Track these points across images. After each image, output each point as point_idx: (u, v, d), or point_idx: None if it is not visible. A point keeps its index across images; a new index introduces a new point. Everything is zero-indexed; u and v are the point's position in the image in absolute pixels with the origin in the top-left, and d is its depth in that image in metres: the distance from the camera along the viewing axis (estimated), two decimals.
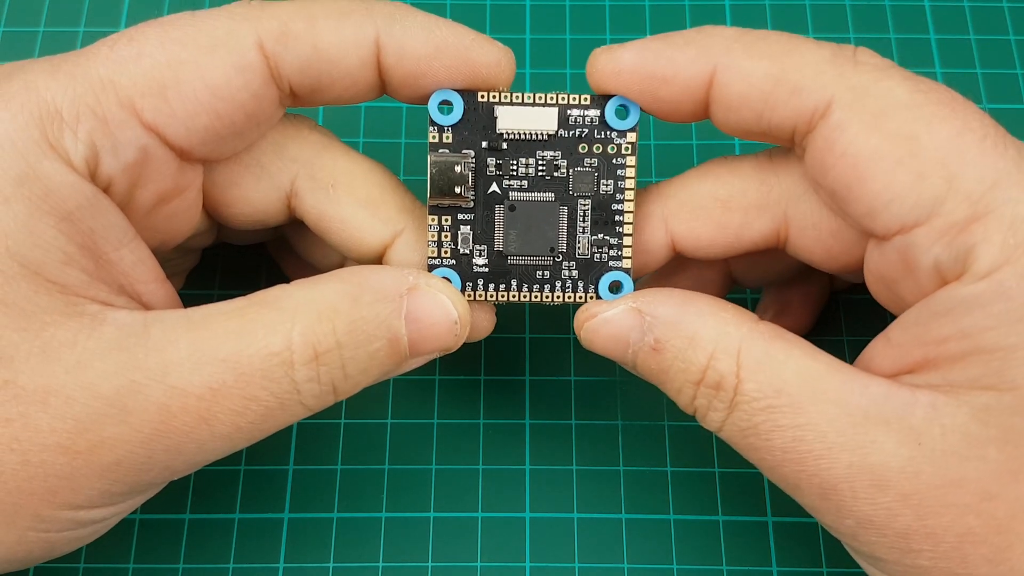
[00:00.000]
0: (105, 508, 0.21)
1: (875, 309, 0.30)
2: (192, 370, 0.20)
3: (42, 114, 0.20)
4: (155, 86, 0.21)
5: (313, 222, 0.24)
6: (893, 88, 0.21)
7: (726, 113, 0.22)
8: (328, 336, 0.21)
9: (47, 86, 0.20)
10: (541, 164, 0.23)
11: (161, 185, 0.22)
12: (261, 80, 0.22)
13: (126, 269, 0.21)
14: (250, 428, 0.21)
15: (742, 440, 0.21)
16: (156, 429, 0.20)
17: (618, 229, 0.23)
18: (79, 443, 0.19)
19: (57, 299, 0.20)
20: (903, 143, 0.20)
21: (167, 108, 0.21)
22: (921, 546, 0.20)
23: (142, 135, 0.21)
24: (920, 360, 0.21)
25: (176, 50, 0.21)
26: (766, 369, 0.21)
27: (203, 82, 0.21)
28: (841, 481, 0.20)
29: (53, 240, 0.20)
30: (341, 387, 0.22)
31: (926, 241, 0.20)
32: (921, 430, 0.19)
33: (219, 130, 0.22)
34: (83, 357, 0.20)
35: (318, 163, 0.24)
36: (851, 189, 0.21)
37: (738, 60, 0.21)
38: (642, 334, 0.22)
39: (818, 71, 0.21)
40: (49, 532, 0.20)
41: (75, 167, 0.20)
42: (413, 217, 0.24)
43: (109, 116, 0.21)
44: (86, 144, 0.20)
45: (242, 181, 0.24)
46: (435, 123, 0.23)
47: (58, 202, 0.20)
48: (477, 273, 0.23)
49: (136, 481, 0.21)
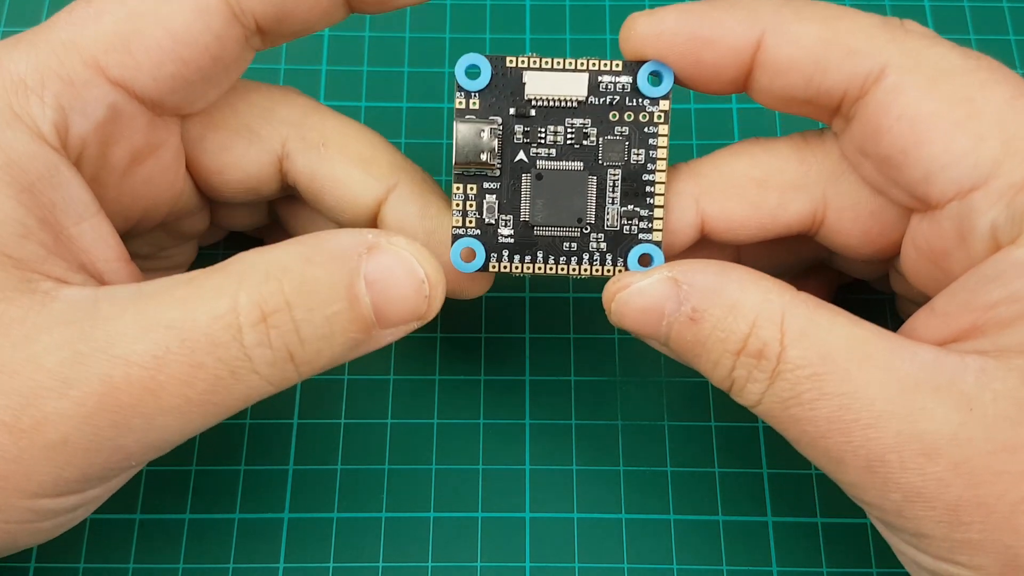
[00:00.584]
0: (63, 497, 0.20)
1: (875, 309, 0.30)
2: (136, 338, 0.19)
3: (5, 85, 0.20)
4: (117, 41, 0.21)
5: (305, 183, 0.24)
6: (946, 54, 0.21)
7: (772, 79, 0.21)
8: (275, 295, 0.19)
9: (9, 57, 0.20)
10: (570, 132, 0.23)
11: (134, 142, 0.22)
12: (222, 20, 0.21)
13: (86, 245, 0.21)
14: (201, 400, 0.19)
15: (783, 412, 0.20)
16: (100, 402, 0.19)
17: (649, 200, 0.23)
18: (23, 420, 0.19)
19: (12, 274, 0.19)
20: (960, 105, 0.20)
21: (132, 61, 0.21)
22: (972, 518, 0.19)
23: (110, 92, 0.21)
24: (968, 327, 0.20)
25: (134, 3, 0.21)
26: (811, 336, 0.20)
27: (164, 29, 0.21)
28: (889, 451, 0.19)
29: (12, 212, 0.20)
30: (299, 354, 0.20)
31: (984, 204, 0.20)
32: (972, 396, 0.19)
33: (186, 76, 0.22)
34: (31, 332, 0.19)
35: (308, 124, 0.24)
36: (907, 153, 0.20)
37: (788, 22, 0.21)
38: (678, 304, 0.21)
39: (871, 35, 0.21)
40: (9, 523, 0.20)
41: (44, 135, 0.20)
42: (406, 172, 0.24)
43: (74, 77, 0.21)
44: (54, 108, 0.20)
45: (233, 146, 0.24)
46: (462, 88, 0.22)
47: (19, 173, 0.20)
48: (502, 244, 0.23)
49: (87, 463, 0.20)
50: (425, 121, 0.33)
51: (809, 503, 0.28)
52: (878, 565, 0.27)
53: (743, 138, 0.32)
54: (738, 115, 0.33)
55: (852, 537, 0.27)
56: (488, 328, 0.30)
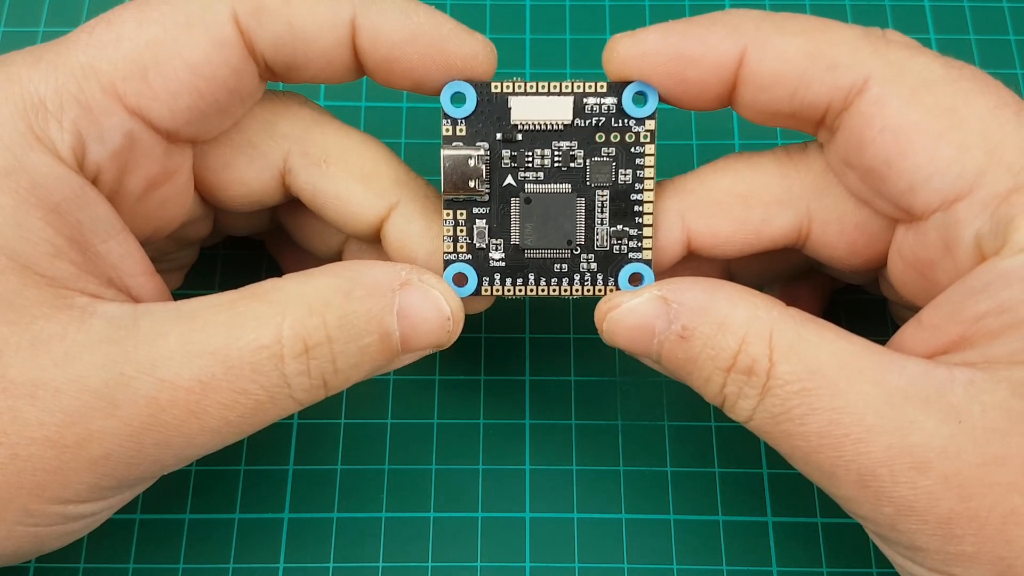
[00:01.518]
0: (94, 503, 0.21)
1: (875, 309, 0.30)
2: (181, 363, 0.20)
3: (26, 105, 0.20)
4: (136, 69, 0.21)
5: (308, 199, 0.24)
6: (928, 64, 0.21)
7: (756, 94, 0.22)
8: (318, 330, 0.20)
9: (30, 77, 0.20)
10: (557, 155, 0.23)
11: (149, 170, 0.22)
12: (239, 55, 0.21)
13: (114, 261, 0.21)
14: (239, 422, 0.20)
15: (774, 427, 0.20)
16: (145, 423, 0.20)
17: (638, 220, 0.23)
18: (67, 436, 0.19)
19: (46, 292, 0.20)
20: (944, 116, 0.20)
21: (149, 90, 0.21)
22: (964, 530, 0.19)
23: (127, 120, 0.21)
24: (956, 339, 0.20)
25: (154, 30, 0.21)
26: (799, 351, 0.20)
27: (182, 61, 0.21)
28: (880, 465, 0.19)
29: (41, 233, 0.20)
30: (332, 381, 0.21)
31: (968, 215, 0.20)
32: (961, 408, 0.19)
33: (203, 108, 0.22)
34: (72, 350, 0.19)
35: (309, 138, 0.24)
36: (891, 165, 0.21)
37: (771, 37, 0.21)
38: (668, 323, 0.21)
39: (853, 48, 0.21)
40: (38, 527, 0.20)
41: (62, 157, 0.20)
42: (408, 189, 0.24)
43: (93, 103, 0.21)
44: (71, 133, 0.20)
45: (235, 162, 0.24)
46: (448, 116, 0.23)
47: (45, 195, 0.20)
48: (494, 267, 0.23)
49: (125, 475, 0.20)
50: (425, 121, 0.33)
51: (809, 503, 0.28)
52: (878, 565, 0.27)
53: (743, 139, 0.32)
54: (738, 116, 0.33)
55: (852, 537, 0.27)
56: (488, 328, 0.30)
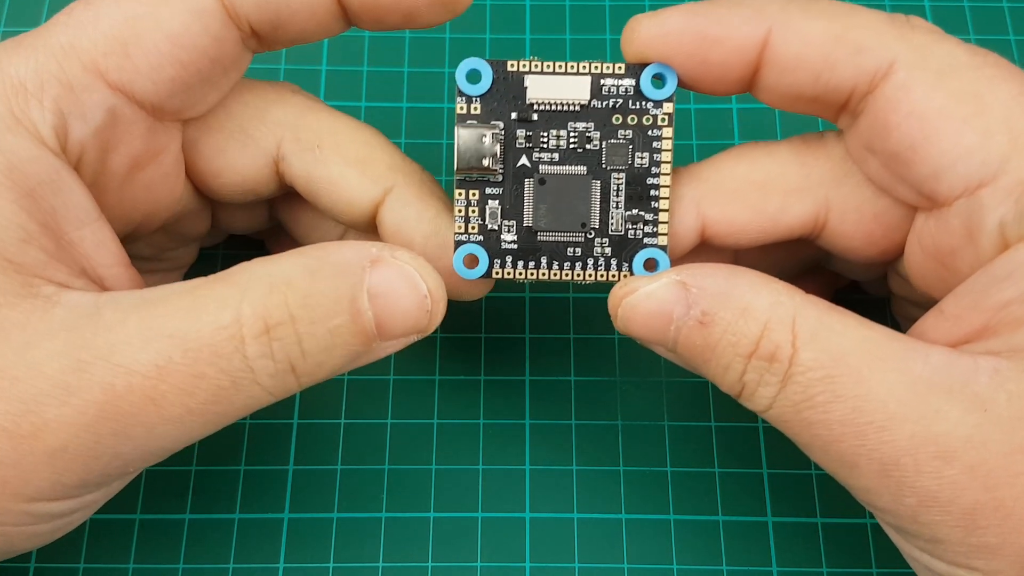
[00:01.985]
0: (60, 502, 0.20)
1: (875, 309, 0.30)
2: (139, 348, 0.19)
3: (6, 89, 0.20)
4: (116, 44, 0.21)
5: (302, 185, 0.24)
6: (952, 50, 0.21)
7: (780, 76, 0.21)
8: (279, 308, 0.19)
9: (9, 61, 0.20)
10: (573, 136, 0.22)
11: (134, 147, 0.22)
12: (220, 22, 0.21)
13: (87, 251, 0.21)
14: (202, 410, 0.20)
15: (795, 416, 0.20)
16: (101, 410, 0.19)
17: (654, 204, 0.23)
18: (23, 426, 0.19)
19: (13, 279, 0.19)
20: (969, 101, 0.20)
21: (130, 64, 0.21)
22: (989, 521, 0.18)
23: (109, 96, 0.21)
24: (979, 328, 0.20)
25: (131, 5, 0.21)
26: (823, 338, 0.20)
27: (162, 32, 0.21)
28: (904, 454, 0.19)
29: (13, 217, 0.20)
30: (300, 366, 0.20)
31: (992, 201, 0.20)
32: (986, 397, 0.19)
33: (185, 79, 0.21)
34: (32, 338, 0.19)
35: (302, 124, 0.24)
36: (916, 149, 0.20)
37: (796, 19, 0.21)
38: (687, 308, 0.20)
39: (879, 32, 0.21)
40: (4, 525, 0.20)
41: (44, 139, 0.20)
42: (403, 173, 0.24)
43: (74, 81, 0.20)
44: (53, 112, 0.20)
45: (227, 149, 0.24)
46: (463, 93, 0.22)
47: (21, 178, 0.20)
48: (505, 250, 0.23)
49: (86, 469, 0.20)
50: (425, 121, 0.33)
51: (809, 503, 0.28)
52: (878, 565, 0.27)
53: (744, 138, 0.32)
54: (738, 115, 0.33)
55: (852, 537, 0.27)
56: (488, 328, 0.30)
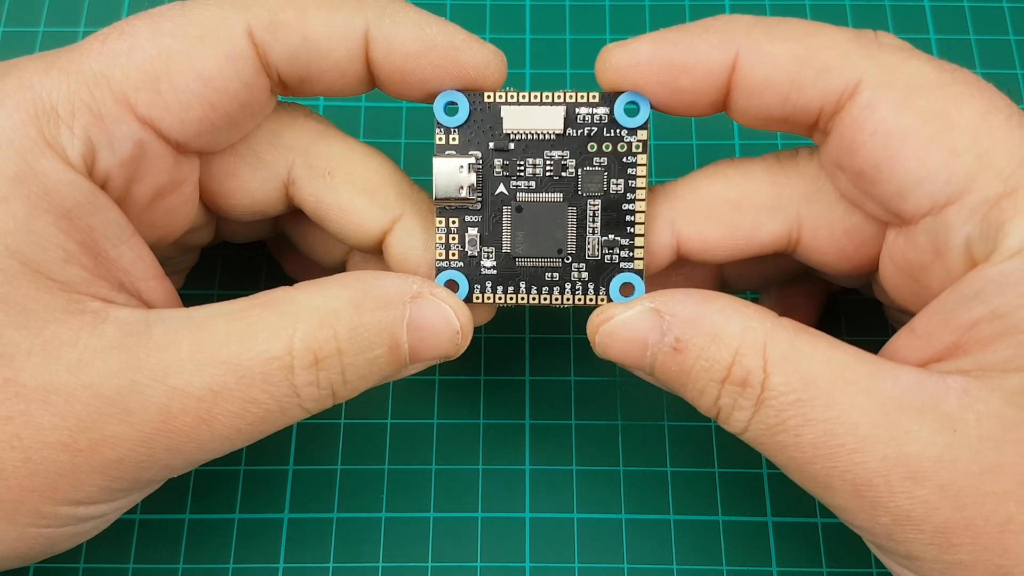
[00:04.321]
0: (104, 504, 0.21)
1: (875, 310, 0.30)
2: (193, 371, 0.20)
3: (38, 112, 0.20)
4: (148, 79, 0.21)
5: (311, 210, 0.24)
6: (920, 67, 0.21)
7: (749, 99, 0.22)
8: (329, 342, 0.21)
9: (42, 83, 0.20)
10: (549, 164, 0.23)
11: (158, 179, 0.22)
12: (252, 69, 0.22)
13: (125, 266, 0.21)
14: (249, 429, 0.21)
15: (769, 439, 0.20)
16: (157, 429, 0.20)
17: (629, 230, 0.23)
18: (80, 441, 0.20)
19: (58, 297, 0.20)
20: (934, 120, 0.20)
21: (161, 101, 0.21)
22: (961, 539, 0.19)
23: (137, 129, 0.21)
24: (949, 346, 0.20)
25: (167, 42, 0.21)
26: (793, 363, 0.20)
27: (195, 72, 0.21)
28: (875, 475, 0.19)
29: (53, 238, 0.20)
30: (340, 392, 0.22)
31: (958, 220, 0.20)
32: (955, 417, 0.19)
33: (213, 121, 0.22)
34: (84, 355, 0.20)
35: (314, 150, 0.24)
36: (881, 169, 0.21)
37: (762, 43, 0.21)
38: (662, 335, 0.21)
39: (845, 51, 0.21)
40: (50, 528, 0.20)
41: (72, 164, 0.20)
42: (412, 202, 0.24)
43: (104, 111, 0.21)
44: (82, 140, 0.20)
45: (239, 172, 0.24)
46: (441, 125, 0.23)
47: (57, 200, 0.20)
48: (485, 275, 0.23)
49: (136, 478, 0.21)
50: (425, 121, 0.33)
51: (809, 503, 0.28)
52: (878, 565, 0.27)
53: (742, 139, 0.32)
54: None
55: (852, 537, 0.27)
56: (488, 328, 0.30)
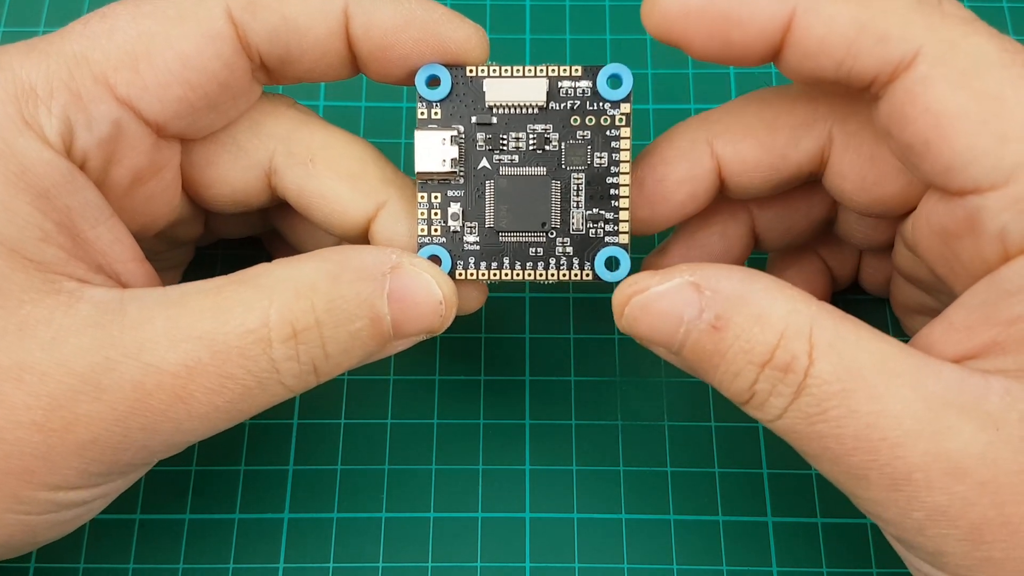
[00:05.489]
0: (85, 490, 0.21)
1: (875, 309, 0.30)
2: (167, 348, 0.20)
3: (17, 92, 0.20)
4: (127, 59, 0.21)
5: (294, 199, 0.24)
6: (982, 44, 0.20)
7: (801, 60, 0.21)
8: (306, 313, 0.20)
9: (21, 64, 0.21)
10: (532, 137, 0.23)
11: (136, 161, 0.22)
12: (231, 49, 0.22)
13: (103, 247, 0.21)
14: (228, 407, 0.20)
15: (807, 428, 0.20)
16: (131, 407, 0.20)
17: (614, 203, 0.23)
18: (53, 420, 0.19)
19: (34, 276, 0.20)
20: (989, 103, 0.20)
21: (139, 81, 0.21)
22: (995, 536, 0.19)
23: (115, 109, 0.21)
24: (988, 343, 0.20)
25: (147, 23, 0.21)
26: (839, 351, 0.19)
27: (174, 52, 0.21)
28: (915, 470, 0.19)
29: (29, 217, 0.20)
30: (322, 367, 0.21)
31: (997, 206, 0.20)
32: (998, 416, 0.19)
33: (193, 101, 0.22)
34: (58, 334, 0.19)
35: (295, 138, 0.24)
36: (929, 146, 0.20)
37: (821, 3, 0.20)
38: (699, 311, 0.20)
39: (906, 19, 0.20)
40: (29, 515, 0.20)
41: (50, 143, 0.20)
42: (396, 188, 0.24)
43: (83, 91, 0.21)
44: (60, 119, 0.20)
45: (219, 160, 0.24)
46: (423, 99, 0.23)
47: (34, 179, 0.20)
48: (468, 251, 0.23)
49: (113, 460, 0.20)
50: None
51: (809, 503, 0.28)
52: (878, 565, 0.27)
53: None
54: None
55: (852, 537, 0.27)
56: (488, 328, 0.30)
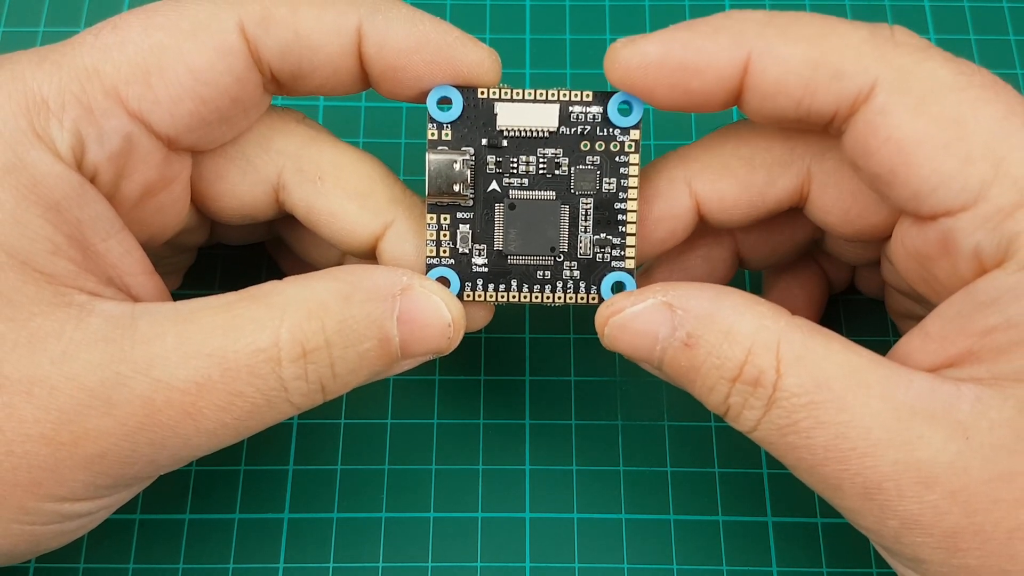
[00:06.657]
0: (91, 501, 0.21)
1: (875, 310, 0.30)
2: (178, 364, 0.20)
3: (28, 103, 0.20)
4: (139, 73, 0.21)
5: (302, 215, 0.24)
6: (936, 70, 0.20)
7: (761, 101, 0.21)
8: (317, 334, 0.20)
9: (33, 76, 0.20)
10: (542, 162, 0.23)
11: (147, 175, 0.22)
12: (243, 64, 0.21)
13: (114, 260, 0.21)
14: (236, 424, 0.20)
15: (779, 439, 0.20)
16: (140, 422, 0.20)
17: (621, 228, 0.23)
18: (63, 434, 0.19)
19: (45, 289, 0.20)
20: (949, 126, 0.20)
21: (151, 95, 0.21)
22: (969, 544, 0.19)
23: (127, 123, 0.21)
24: (963, 352, 0.20)
25: (159, 36, 0.21)
26: (807, 364, 0.20)
27: (185, 66, 0.21)
28: (886, 479, 0.19)
29: (40, 230, 0.20)
30: (329, 386, 0.21)
31: (969, 226, 0.20)
32: (968, 424, 0.19)
33: (204, 115, 0.22)
34: (69, 348, 0.19)
35: (305, 155, 0.24)
36: (896, 174, 0.20)
37: (774, 45, 0.21)
38: (673, 329, 0.21)
39: (859, 53, 0.20)
40: (34, 525, 0.20)
41: (61, 156, 0.20)
42: (404, 207, 0.24)
43: (94, 104, 0.21)
44: (71, 133, 0.20)
45: (228, 174, 0.24)
46: (434, 120, 0.23)
47: (45, 192, 0.20)
48: (476, 273, 0.23)
49: (121, 474, 0.20)
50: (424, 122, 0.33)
51: (809, 503, 0.28)
52: (878, 565, 0.27)
53: None
54: (738, 115, 0.33)
55: (852, 537, 0.27)
56: (488, 328, 0.30)
